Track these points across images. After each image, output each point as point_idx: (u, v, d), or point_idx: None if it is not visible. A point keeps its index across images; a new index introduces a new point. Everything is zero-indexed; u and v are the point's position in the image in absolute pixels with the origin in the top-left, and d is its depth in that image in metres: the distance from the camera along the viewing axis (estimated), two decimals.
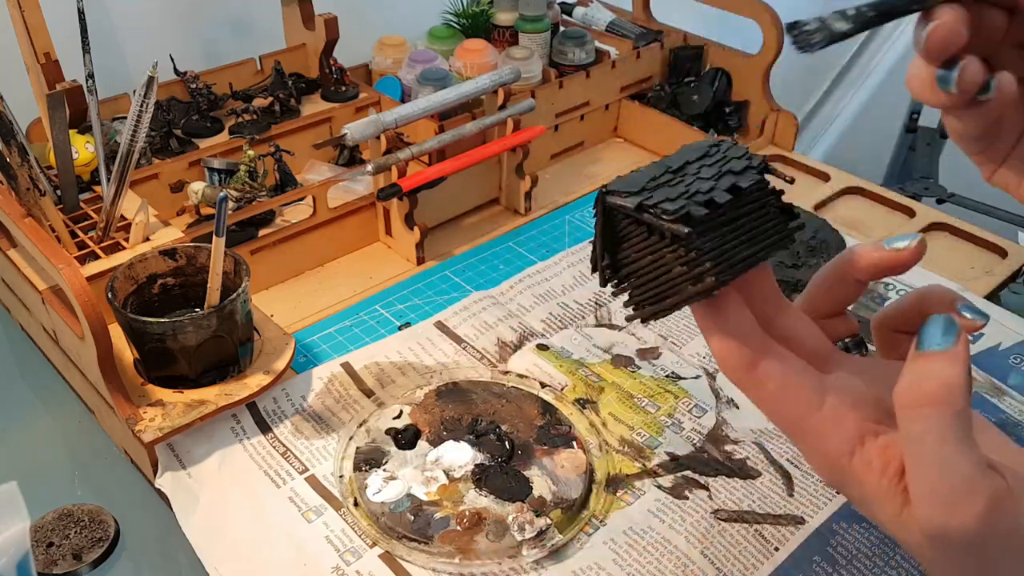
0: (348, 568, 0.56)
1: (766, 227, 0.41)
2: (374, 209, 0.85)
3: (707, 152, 0.40)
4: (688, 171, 0.40)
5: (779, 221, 0.41)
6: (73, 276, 0.58)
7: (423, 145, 0.81)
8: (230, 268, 0.65)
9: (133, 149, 0.68)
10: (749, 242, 0.39)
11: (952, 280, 0.80)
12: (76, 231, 0.72)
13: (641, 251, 0.39)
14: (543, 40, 1.01)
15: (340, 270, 0.84)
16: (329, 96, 0.95)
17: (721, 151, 0.40)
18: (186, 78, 0.89)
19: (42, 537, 0.58)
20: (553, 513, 0.58)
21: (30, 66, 0.77)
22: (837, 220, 0.88)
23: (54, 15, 0.74)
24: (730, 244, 0.39)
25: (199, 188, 0.81)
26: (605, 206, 0.40)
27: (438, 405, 0.66)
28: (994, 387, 0.69)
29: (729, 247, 0.38)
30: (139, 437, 0.60)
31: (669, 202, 0.37)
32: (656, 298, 0.39)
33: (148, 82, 0.66)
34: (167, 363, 0.63)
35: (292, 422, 0.66)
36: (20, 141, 0.67)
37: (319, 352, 0.73)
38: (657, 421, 0.66)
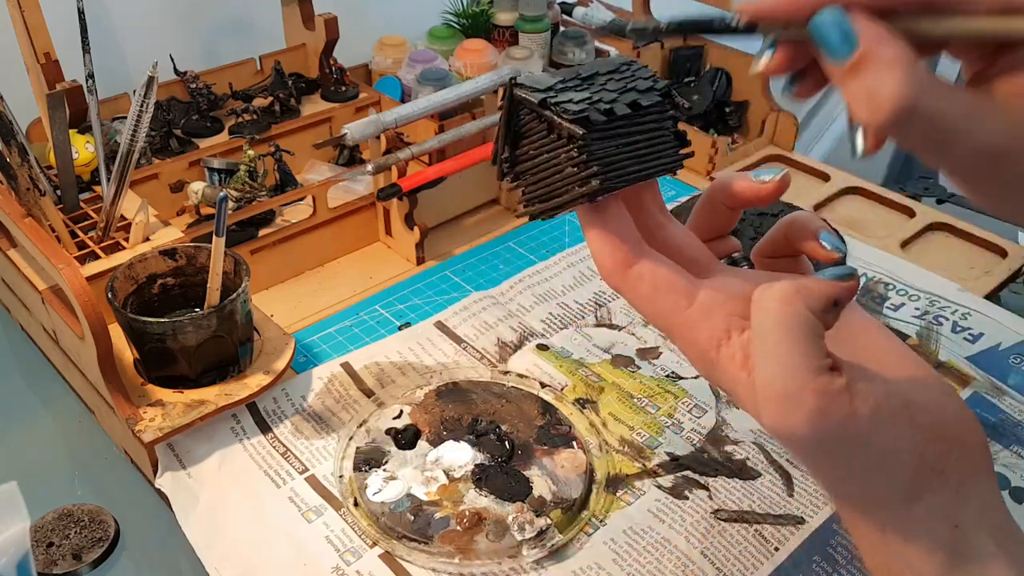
0: (348, 568, 0.56)
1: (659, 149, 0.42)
2: (374, 209, 0.85)
3: (617, 68, 0.42)
4: (596, 81, 0.41)
5: (672, 146, 0.42)
6: (73, 276, 0.58)
7: (423, 145, 0.81)
8: (230, 268, 0.65)
9: (133, 149, 0.68)
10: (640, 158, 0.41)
11: (952, 280, 0.80)
12: (76, 231, 0.72)
13: (539, 148, 0.41)
14: (543, 40, 1.01)
15: (340, 270, 0.84)
16: (329, 96, 0.95)
17: (631, 70, 0.42)
18: (186, 78, 0.89)
19: (42, 537, 0.58)
20: (553, 513, 0.58)
21: (30, 66, 0.77)
22: (837, 220, 0.88)
23: (54, 15, 0.74)
24: (622, 155, 0.41)
25: (199, 188, 0.81)
26: (512, 97, 0.41)
27: (438, 405, 0.66)
28: (994, 387, 0.69)
29: (620, 157, 0.40)
30: (139, 437, 0.60)
31: (572, 103, 0.39)
32: (546, 196, 0.41)
33: (148, 82, 0.66)
34: (167, 363, 0.63)
35: (292, 422, 0.66)
36: (20, 141, 0.67)
37: (319, 352, 0.73)
38: (657, 421, 0.66)
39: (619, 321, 0.76)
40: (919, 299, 0.78)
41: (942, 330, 0.75)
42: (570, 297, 0.79)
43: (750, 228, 0.82)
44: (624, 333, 0.74)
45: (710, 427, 0.65)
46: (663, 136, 0.42)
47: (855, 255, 0.83)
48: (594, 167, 0.39)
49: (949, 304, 0.77)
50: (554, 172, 0.40)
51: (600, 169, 0.39)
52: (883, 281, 0.80)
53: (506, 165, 0.42)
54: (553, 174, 0.40)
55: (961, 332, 0.74)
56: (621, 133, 0.40)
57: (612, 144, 0.40)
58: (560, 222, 0.89)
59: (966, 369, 0.71)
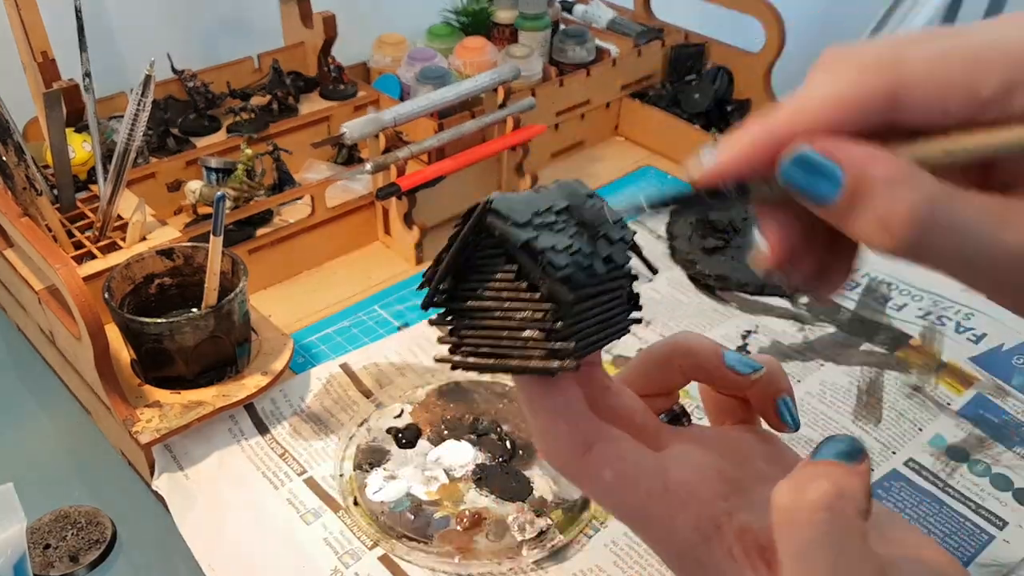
0: (347, 570, 0.55)
1: (616, 310, 0.36)
2: (373, 208, 0.84)
3: (584, 203, 0.35)
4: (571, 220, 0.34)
5: (623, 308, 0.36)
6: (70, 276, 0.58)
7: (422, 144, 0.81)
8: (228, 268, 0.65)
9: (130, 148, 0.68)
10: (602, 322, 0.35)
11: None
12: (73, 231, 0.71)
13: (495, 291, 0.33)
14: (543, 38, 1.00)
15: (338, 270, 0.83)
16: (327, 95, 0.94)
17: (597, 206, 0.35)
18: (183, 77, 0.88)
19: (39, 539, 0.58)
20: (554, 513, 0.58)
21: (27, 65, 0.76)
22: None
23: (51, 14, 0.74)
24: (589, 322, 0.34)
25: (196, 187, 0.80)
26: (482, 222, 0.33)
27: (439, 404, 0.65)
28: (997, 388, 0.69)
29: (588, 324, 0.34)
30: (136, 438, 0.59)
31: (557, 253, 0.32)
32: (489, 352, 0.34)
33: (145, 81, 0.65)
34: (164, 364, 0.63)
35: (290, 423, 0.65)
36: (17, 140, 0.66)
37: (317, 353, 0.73)
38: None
39: None
40: (922, 299, 0.78)
41: (945, 330, 0.74)
42: None
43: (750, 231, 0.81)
44: None
45: None
46: (620, 296, 0.36)
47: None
48: (571, 341, 0.32)
49: (952, 304, 0.77)
50: (508, 326, 0.33)
51: (575, 343, 0.32)
52: (886, 281, 0.80)
53: (442, 295, 0.35)
54: (506, 328, 0.33)
55: (964, 332, 0.74)
56: (594, 294, 0.33)
57: (585, 308, 0.33)
58: None
59: (969, 370, 0.70)
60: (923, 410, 0.67)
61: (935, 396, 0.68)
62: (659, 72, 1.06)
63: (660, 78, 1.07)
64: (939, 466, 0.62)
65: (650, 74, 1.05)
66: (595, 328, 0.34)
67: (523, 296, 0.32)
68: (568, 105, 0.99)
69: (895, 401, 0.67)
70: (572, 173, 0.98)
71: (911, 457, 0.63)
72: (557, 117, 0.98)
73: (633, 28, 1.06)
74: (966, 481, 0.61)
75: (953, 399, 0.68)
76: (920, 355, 0.72)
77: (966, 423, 0.65)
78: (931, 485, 0.61)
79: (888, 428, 0.65)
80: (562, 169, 0.99)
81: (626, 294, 0.35)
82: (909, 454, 0.63)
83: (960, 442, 0.64)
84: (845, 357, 0.72)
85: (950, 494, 0.60)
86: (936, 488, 0.61)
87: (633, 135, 1.05)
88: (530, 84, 0.95)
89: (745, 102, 1.03)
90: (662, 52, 1.05)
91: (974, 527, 0.58)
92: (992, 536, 0.57)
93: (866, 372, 0.70)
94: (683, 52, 1.05)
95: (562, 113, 0.98)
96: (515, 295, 0.33)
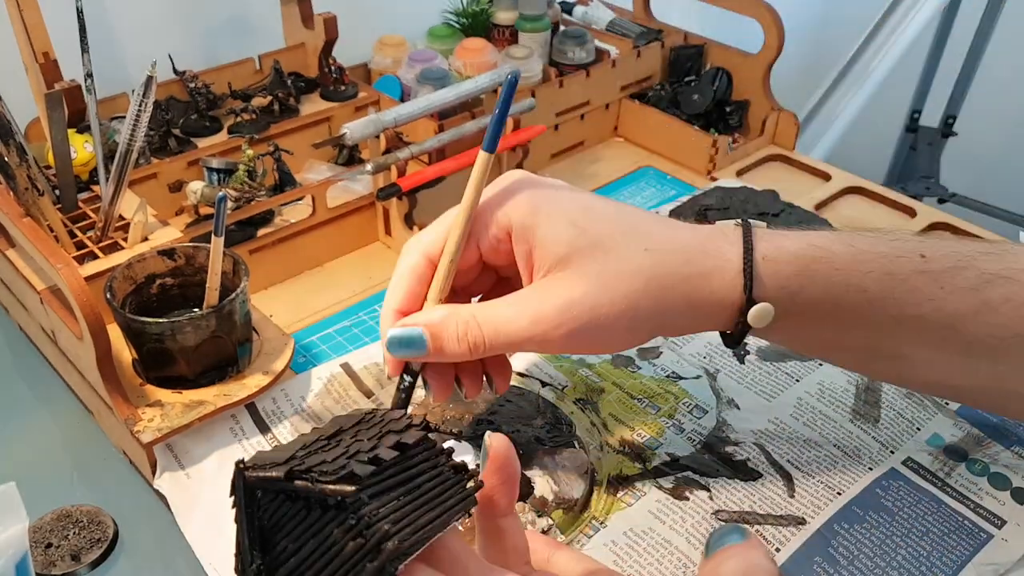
0: None
1: (443, 488, 0.35)
2: (373, 209, 0.85)
3: (363, 419, 0.37)
4: (344, 437, 0.35)
5: (456, 482, 0.36)
6: (71, 276, 0.58)
7: (423, 144, 0.81)
8: (229, 268, 0.65)
9: (132, 149, 0.68)
10: (428, 505, 0.34)
11: None
12: (74, 231, 0.72)
13: (301, 536, 0.33)
14: (543, 39, 1.01)
15: (339, 270, 0.84)
16: (328, 95, 0.94)
17: (378, 416, 0.37)
18: (185, 77, 0.89)
19: (40, 538, 0.58)
20: (555, 513, 0.58)
21: (28, 65, 0.76)
22: (839, 220, 0.88)
23: (53, 14, 0.74)
24: (408, 508, 0.33)
25: (198, 188, 0.81)
26: (245, 485, 0.33)
27: (440, 405, 0.65)
28: None
29: (407, 511, 0.33)
30: (137, 438, 0.60)
31: (327, 464, 0.32)
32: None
33: (147, 81, 0.65)
34: (166, 363, 0.63)
35: (291, 423, 0.65)
36: (18, 141, 0.66)
37: (318, 352, 0.73)
38: (658, 422, 0.65)
39: None
40: None
41: None
42: None
43: None
44: None
45: (711, 428, 0.65)
46: (441, 473, 0.36)
47: None
48: (383, 527, 0.31)
49: None
50: (334, 558, 0.32)
51: (390, 527, 0.31)
52: None
53: (264, 573, 0.35)
54: (333, 560, 0.32)
55: None
56: (399, 482, 0.33)
57: (392, 497, 0.33)
58: None
59: None
60: (921, 410, 0.67)
61: (933, 396, 0.68)
62: (658, 73, 1.07)
63: (659, 79, 1.07)
64: (937, 465, 0.62)
65: (649, 75, 1.06)
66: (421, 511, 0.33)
67: (325, 521, 0.32)
68: (568, 106, 0.99)
69: (893, 401, 0.67)
70: (572, 174, 0.98)
71: (909, 456, 0.63)
72: (557, 118, 0.98)
73: (632, 29, 1.07)
74: (964, 480, 0.61)
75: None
76: None
77: (964, 423, 0.66)
78: (929, 484, 0.61)
79: (886, 427, 0.65)
80: (562, 169, 0.99)
81: (449, 470, 0.36)
82: (907, 453, 0.63)
83: (958, 442, 0.64)
84: None
85: (948, 493, 0.60)
86: (934, 487, 0.61)
87: (632, 136, 1.05)
88: (530, 85, 0.95)
89: (744, 103, 1.03)
90: (661, 53, 1.05)
91: (972, 526, 0.58)
92: (990, 535, 0.58)
93: None
94: (682, 53, 1.05)
95: (562, 114, 0.99)
96: (316, 526, 0.32)
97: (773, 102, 1.01)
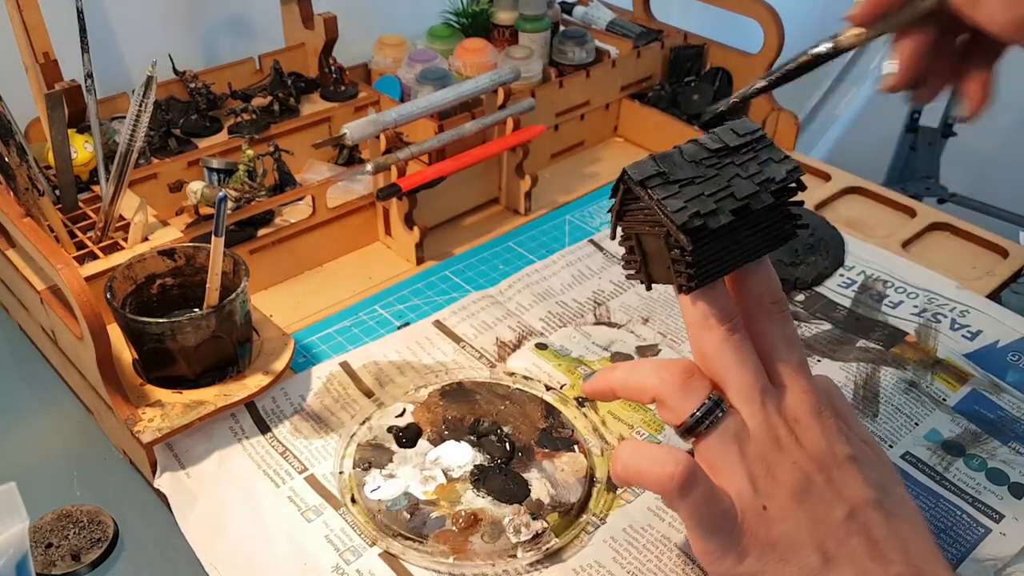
0: (348, 567, 0.55)
1: (772, 226, 0.45)
2: (373, 209, 0.85)
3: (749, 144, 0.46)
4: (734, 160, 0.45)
5: (785, 220, 0.45)
6: (72, 276, 0.58)
7: (423, 145, 0.81)
8: (229, 268, 0.65)
9: (132, 149, 0.68)
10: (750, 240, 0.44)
11: (953, 280, 0.80)
12: (75, 231, 0.72)
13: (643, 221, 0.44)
14: (543, 39, 1.01)
15: (339, 270, 0.84)
16: (328, 95, 0.94)
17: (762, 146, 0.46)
18: (185, 77, 0.89)
19: (41, 538, 0.58)
20: (550, 516, 0.58)
21: (29, 66, 0.77)
22: (839, 220, 0.88)
23: (53, 14, 0.74)
24: (728, 249, 0.43)
25: (198, 188, 0.81)
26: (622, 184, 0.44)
27: (441, 405, 0.66)
28: (992, 384, 0.69)
29: (725, 252, 0.44)
30: (138, 438, 0.60)
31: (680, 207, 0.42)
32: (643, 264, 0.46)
33: (147, 81, 0.66)
34: (166, 363, 0.63)
35: (291, 422, 0.65)
36: (19, 141, 0.66)
37: (318, 352, 0.73)
38: (656, 419, 0.66)
39: (618, 319, 0.76)
40: (917, 296, 0.78)
41: (940, 327, 0.75)
42: (569, 296, 0.79)
43: None
44: (623, 331, 0.74)
45: None
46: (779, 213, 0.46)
47: (856, 253, 0.83)
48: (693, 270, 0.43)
49: (948, 302, 0.77)
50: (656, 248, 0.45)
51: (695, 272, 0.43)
52: (882, 279, 0.80)
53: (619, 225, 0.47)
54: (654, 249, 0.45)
55: (959, 329, 0.74)
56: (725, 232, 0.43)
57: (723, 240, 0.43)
58: (560, 222, 0.89)
59: (964, 366, 0.71)
60: (919, 405, 0.67)
61: (931, 392, 0.68)
62: (658, 73, 1.07)
63: (659, 79, 1.07)
64: (936, 460, 0.63)
65: (649, 75, 1.06)
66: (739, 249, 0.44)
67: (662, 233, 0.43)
68: (568, 106, 0.99)
69: (891, 396, 0.67)
70: (572, 174, 0.98)
71: (908, 451, 0.63)
72: (557, 118, 0.98)
73: (632, 29, 1.07)
74: (962, 475, 0.61)
75: (948, 395, 0.68)
76: (916, 352, 0.72)
77: (962, 419, 0.66)
78: (928, 479, 0.61)
79: (885, 423, 0.65)
80: (562, 169, 0.99)
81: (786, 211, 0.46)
82: (906, 448, 0.63)
83: (956, 437, 0.64)
84: (842, 353, 0.72)
85: (947, 487, 0.61)
86: (933, 482, 0.61)
87: (632, 136, 1.05)
88: (530, 85, 0.96)
89: (744, 103, 1.03)
90: (661, 53, 1.05)
91: (971, 520, 0.58)
92: (989, 529, 0.58)
93: (862, 368, 0.70)
94: (682, 53, 1.05)
95: (562, 114, 0.99)
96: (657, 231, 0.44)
97: (773, 102, 1.01)
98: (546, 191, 0.94)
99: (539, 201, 0.92)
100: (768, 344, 0.47)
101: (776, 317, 0.47)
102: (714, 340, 0.46)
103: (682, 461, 0.45)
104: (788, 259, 0.80)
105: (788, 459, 0.46)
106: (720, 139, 0.45)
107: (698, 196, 0.42)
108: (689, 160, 0.44)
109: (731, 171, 0.44)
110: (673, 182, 0.43)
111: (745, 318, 0.47)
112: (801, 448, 0.46)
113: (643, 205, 0.43)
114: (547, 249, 0.85)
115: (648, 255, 0.46)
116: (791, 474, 0.45)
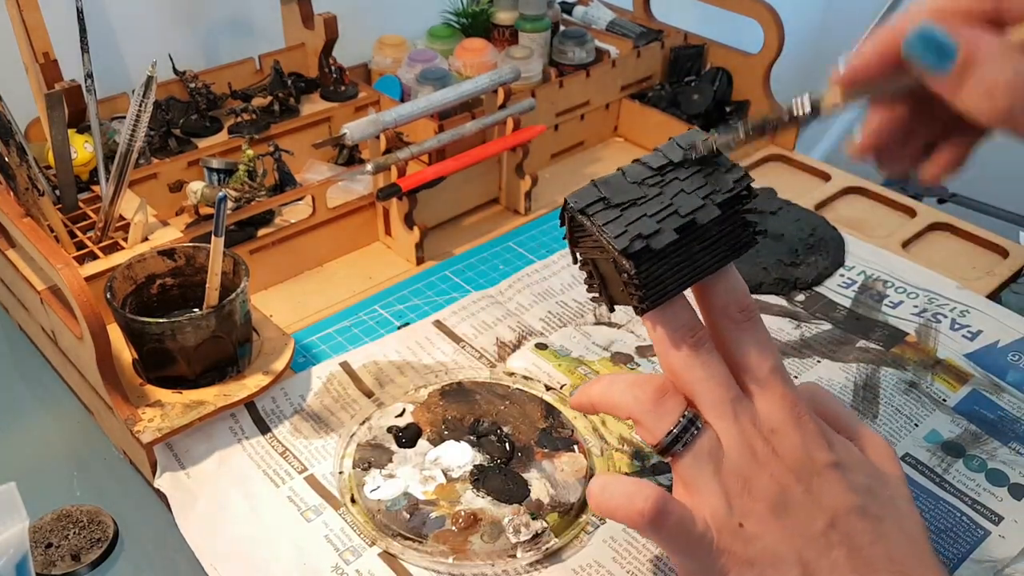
0: (348, 567, 0.56)
1: (727, 236, 0.44)
2: (373, 209, 0.85)
3: (703, 162, 0.45)
4: (678, 176, 0.44)
5: (742, 228, 0.45)
6: (72, 276, 0.58)
7: (423, 145, 0.81)
8: (229, 268, 0.65)
9: (132, 149, 0.68)
10: (705, 254, 0.44)
11: (953, 280, 0.80)
12: (75, 231, 0.72)
13: (592, 247, 0.44)
14: (543, 39, 1.01)
15: (339, 270, 0.84)
16: (328, 95, 0.94)
17: (716, 163, 0.45)
18: (185, 77, 0.89)
19: (41, 538, 0.58)
20: (550, 516, 0.58)
21: (29, 65, 0.77)
22: (839, 220, 0.88)
23: (53, 15, 0.74)
24: (680, 265, 0.43)
25: (198, 188, 0.81)
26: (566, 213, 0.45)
27: (441, 405, 0.66)
28: (992, 384, 0.69)
29: (678, 269, 0.43)
30: (138, 438, 0.60)
31: (646, 218, 0.42)
32: (602, 287, 0.47)
33: (147, 81, 0.66)
34: (166, 363, 0.63)
35: (291, 422, 0.65)
36: (19, 141, 0.67)
37: (318, 352, 0.73)
38: None
39: (618, 319, 0.76)
40: (917, 296, 0.78)
41: (940, 327, 0.75)
42: (569, 295, 0.79)
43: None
44: (623, 331, 0.74)
45: None
46: (735, 223, 0.45)
47: (855, 253, 0.83)
48: (641, 291, 0.43)
49: (948, 302, 0.77)
50: (611, 271, 0.45)
51: (645, 293, 0.43)
52: (882, 279, 0.80)
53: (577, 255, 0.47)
54: (610, 271, 0.45)
55: (960, 329, 0.74)
56: (673, 250, 0.43)
57: (672, 257, 0.43)
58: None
59: (964, 366, 0.71)
60: (919, 406, 0.67)
61: (931, 392, 0.68)
62: (658, 73, 1.07)
63: (659, 79, 1.07)
64: (935, 461, 0.63)
65: (649, 75, 1.06)
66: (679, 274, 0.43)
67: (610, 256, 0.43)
68: (568, 106, 0.99)
69: (891, 397, 0.68)
70: (572, 174, 0.98)
71: (907, 452, 0.63)
72: (557, 118, 0.98)
73: (633, 29, 1.07)
74: (962, 476, 0.61)
75: (949, 395, 0.68)
76: (916, 352, 0.72)
77: (962, 419, 0.66)
78: (927, 480, 0.61)
79: (885, 423, 0.65)
80: (562, 169, 0.99)
81: (742, 219, 0.45)
82: (905, 449, 0.63)
83: (956, 438, 0.64)
84: (841, 354, 0.72)
85: (946, 489, 0.61)
86: (932, 483, 0.61)
87: (632, 136, 1.05)
88: (530, 85, 0.96)
89: (744, 103, 1.03)
90: (661, 53, 1.05)
91: (970, 522, 0.58)
92: (988, 531, 0.58)
93: (862, 368, 0.70)
94: (682, 53, 1.05)
95: (562, 114, 0.99)
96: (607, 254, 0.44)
97: (773, 102, 1.01)
98: (546, 191, 0.94)
99: (539, 201, 0.92)
100: (739, 354, 0.46)
101: (744, 326, 0.46)
102: (680, 357, 0.45)
103: (651, 496, 0.44)
104: (788, 259, 0.80)
105: (765, 472, 0.45)
106: (664, 155, 0.44)
107: (640, 218, 0.42)
108: (632, 181, 0.43)
109: (675, 187, 0.43)
110: (615, 206, 0.42)
111: (713, 330, 0.46)
112: (778, 459, 0.45)
113: (588, 232, 0.43)
114: (547, 249, 0.85)
115: (605, 278, 0.46)
116: (768, 488, 0.44)
